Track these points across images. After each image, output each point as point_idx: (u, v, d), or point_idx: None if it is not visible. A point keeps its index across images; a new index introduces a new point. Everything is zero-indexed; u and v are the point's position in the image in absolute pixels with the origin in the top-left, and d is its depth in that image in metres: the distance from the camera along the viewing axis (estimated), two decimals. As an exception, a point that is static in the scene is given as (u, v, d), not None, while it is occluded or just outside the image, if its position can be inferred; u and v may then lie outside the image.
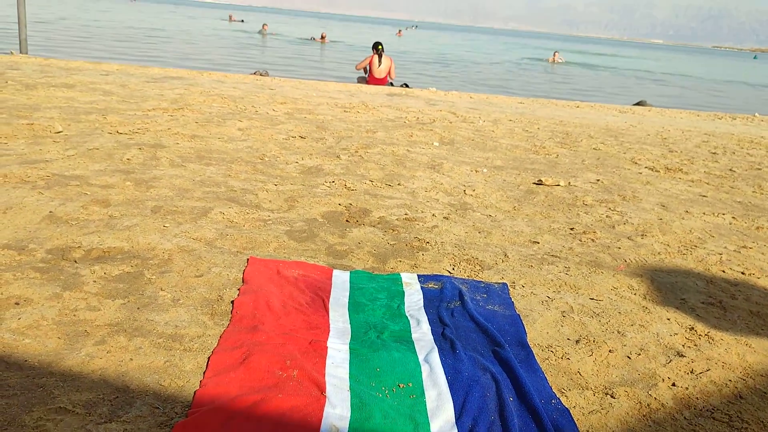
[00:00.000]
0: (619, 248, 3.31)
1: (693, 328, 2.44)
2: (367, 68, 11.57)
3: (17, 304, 2.17)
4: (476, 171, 4.83)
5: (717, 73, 35.57)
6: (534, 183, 4.60)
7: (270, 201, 3.62)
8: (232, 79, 9.65)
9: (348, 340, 2.12)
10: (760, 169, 5.98)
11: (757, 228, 3.93)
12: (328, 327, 2.20)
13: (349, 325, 2.23)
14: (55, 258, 2.57)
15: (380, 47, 11.35)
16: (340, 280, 2.60)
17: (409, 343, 2.12)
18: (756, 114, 12.17)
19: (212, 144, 4.89)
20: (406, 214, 3.58)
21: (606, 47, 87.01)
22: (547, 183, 4.58)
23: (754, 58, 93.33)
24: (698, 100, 17.37)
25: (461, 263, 2.93)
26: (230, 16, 50.30)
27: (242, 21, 47.43)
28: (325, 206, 3.61)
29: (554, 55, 31.98)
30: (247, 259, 2.73)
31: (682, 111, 11.78)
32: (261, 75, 11.32)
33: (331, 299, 2.41)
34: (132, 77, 8.52)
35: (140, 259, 2.64)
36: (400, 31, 55.35)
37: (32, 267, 2.46)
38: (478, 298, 2.52)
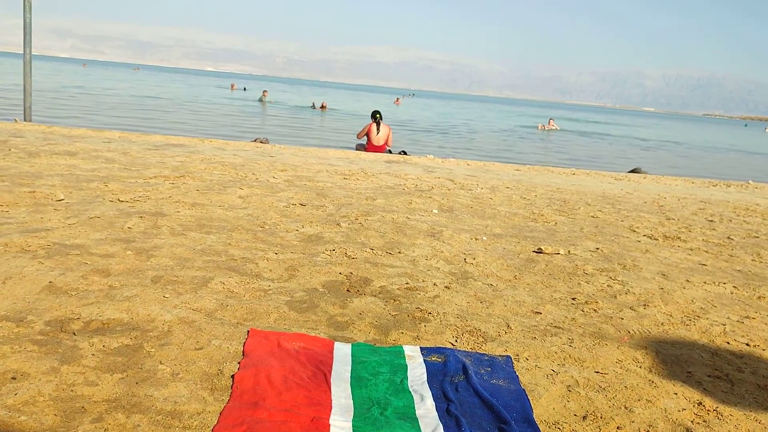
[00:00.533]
0: (622, 319, 3.28)
1: (701, 403, 2.40)
2: (366, 136, 11.77)
3: (14, 378, 2.13)
4: (476, 239, 4.84)
5: (710, 141, 36.21)
6: (534, 251, 4.61)
7: (270, 270, 3.60)
8: (233, 147, 9.79)
9: (351, 417, 2.07)
10: (757, 237, 6.01)
11: (759, 297, 3.91)
12: (330, 403, 2.16)
13: (352, 401, 2.19)
14: (54, 330, 2.54)
15: (378, 115, 11.60)
16: (342, 353, 2.56)
17: (413, 420, 2.08)
18: (750, 181, 12.31)
19: (213, 212, 4.91)
20: (407, 284, 3.57)
21: (599, 115, 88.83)
22: (546, 251, 4.59)
23: (745, 126, 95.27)
24: (692, 167, 17.61)
25: (464, 335, 2.90)
26: (232, 85, 51.41)
27: (245, 89, 48.41)
28: (326, 275, 3.60)
29: (550, 122, 32.65)
30: (248, 331, 2.70)
31: (677, 178, 11.93)
32: (261, 142, 11.49)
33: (332, 373, 2.37)
34: (134, 145, 8.64)
35: (139, 331, 2.60)
36: (398, 99, 56.60)
37: (30, 339, 2.43)
38: (483, 371, 2.48)
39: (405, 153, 11.74)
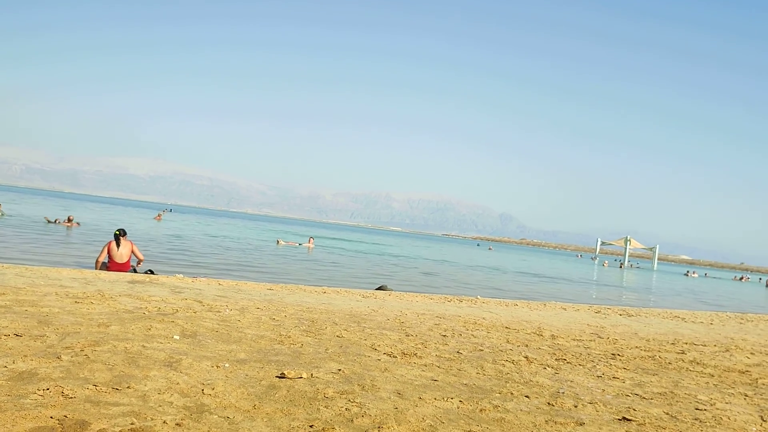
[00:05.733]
0: (357, 444, 3.30)
1: None
2: (108, 254, 11.01)
3: None
4: (217, 366, 4.63)
5: (447, 258, 40.03)
6: (277, 376, 4.52)
7: (-40, 420, 3.03)
8: (-60, 266, 8.43)
9: None
10: (482, 350, 6.61)
11: (481, 410, 4.23)
12: None
13: None
14: None
15: (117, 232, 11.04)
16: None
17: None
18: (478, 296, 13.73)
19: None
20: (132, 424, 3.24)
21: (353, 233, 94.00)
22: (289, 376, 4.53)
23: (478, 245, 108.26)
24: (432, 284, 19.19)
25: (190, 479, 2.67)
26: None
27: None
28: (33, 421, 3.12)
29: (309, 240, 33.69)
30: None
31: (418, 295, 12.87)
32: (-21, 261, 10.09)
33: None
34: None
35: None
36: (159, 215, 54.11)
37: None
38: None
39: (152, 272, 11.13)
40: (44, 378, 3.85)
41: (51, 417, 3.20)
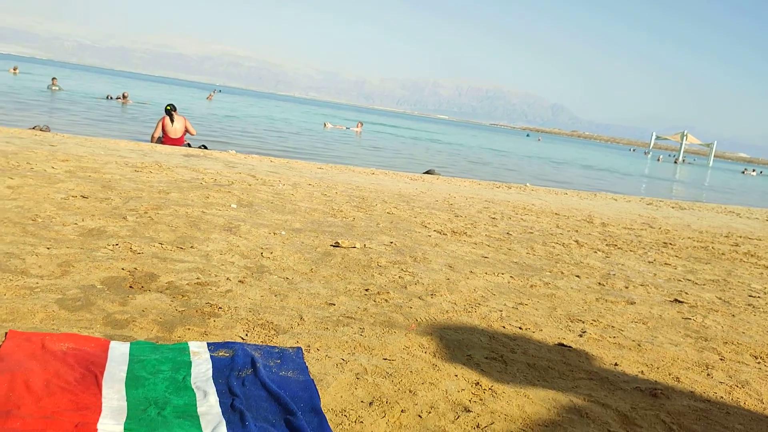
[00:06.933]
0: (411, 308, 3.41)
1: (478, 383, 2.55)
2: (162, 130, 11.21)
3: None
4: (274, 233, 4.77)
5: (495, 147, 39.53)
6: (331, 245, 4.64)
7: (40, 266, 3.22)
8: (5, 133, 8.73)
9: (123, 420, 1.89)
10: (532, 233, 6.62)
11: (531, 286, 4.30)
12: (100, 406, 1.95)
13: (126, 403, 2.00)
14: None
15: (168, 107, 11.15)
16: (118, 352, 2.35)
17: (193, 418, 1.95)
18: (527, 184, 13.62)
19: (-28, 203, 4.30)
20: (198, 279, 3.39)
21: (400, 120, 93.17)
22: (343, 245, 4.65)
23: (527, 136, 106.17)
24: (480, 171, 19.07)
25: (255, 328, 2.82)
26: (14, 68, 45.73)
27: (60, 88, 34.93)
28: (106, 271, 3.30)
29: (358, 125, 33.58)
30: (6, 333, 2.37)
31: (466, 180, 12.83)
32: (41, 130, 10.40)
33: (105, 374, 2.16)
34: None
35: None
36: (210, 95, 54.51)
37: None
38: (272, 364, 2.42)
39: (205, 147, 11.32)
40: (113, 235, 4.03)
41: (122, 269, 3.37)
